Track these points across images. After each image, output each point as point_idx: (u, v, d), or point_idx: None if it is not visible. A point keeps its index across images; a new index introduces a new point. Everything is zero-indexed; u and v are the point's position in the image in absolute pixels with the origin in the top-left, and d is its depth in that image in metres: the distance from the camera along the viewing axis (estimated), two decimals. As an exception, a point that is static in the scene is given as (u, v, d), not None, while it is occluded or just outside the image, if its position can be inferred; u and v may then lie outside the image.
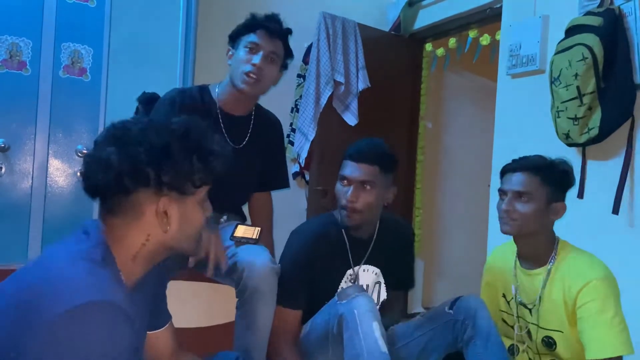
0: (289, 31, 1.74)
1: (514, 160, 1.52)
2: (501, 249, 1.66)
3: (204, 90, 1.75)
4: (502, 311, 1.62)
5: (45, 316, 0.78)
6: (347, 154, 1.58)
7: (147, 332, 1.13)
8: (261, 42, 1.67)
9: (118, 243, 0.93)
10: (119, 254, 0.93)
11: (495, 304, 1.63)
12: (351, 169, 1.55)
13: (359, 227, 1.60)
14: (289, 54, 1.76)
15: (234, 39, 1.72)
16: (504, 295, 1.60)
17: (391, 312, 1.71)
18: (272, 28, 1.68)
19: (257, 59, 1.65)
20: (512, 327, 1.59)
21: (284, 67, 1.77)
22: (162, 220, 0.93)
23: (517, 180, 1.46)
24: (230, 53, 1.73)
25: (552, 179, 1.45)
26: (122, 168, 0.89)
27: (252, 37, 1.67)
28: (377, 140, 1.62)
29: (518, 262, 1.54)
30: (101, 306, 0.80)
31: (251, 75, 1.65)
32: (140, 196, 0.92)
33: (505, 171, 1.52)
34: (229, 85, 1.71)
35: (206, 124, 0.99)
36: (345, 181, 1.56)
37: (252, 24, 1.69)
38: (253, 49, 1.66)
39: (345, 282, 1.63)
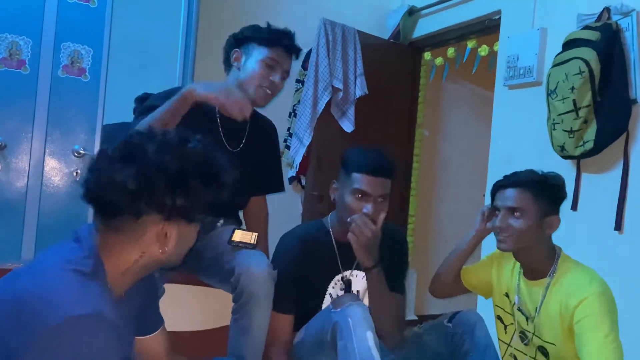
0: (300, 49, 1.78)
1: (505, 177, 1.52)
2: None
3: None
4: (499, 307, 1.63)
5: (37, 328, 0.79)
6: (361, 166, 1.53)
7: (140, 337, 1.15)
8: (280, 60, 1.70)
9: (111, 257, 0.94)
10: (111, 267, 0.93)
11: (488, 282, 1.65)
12: (370, 183, 1.52)
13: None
14: None
15: (243, 42, 1.72)
16: (507, 295, 1.61)
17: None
18: (291, 47, 1.72)
19: (276, 77, 1.69)
20: (506, 326, 1.60)
21: None
22: (162, 241, 0.95)
23: (509, 196, 1.47)
24: (236, 55, 1.72)
25: (544, 194, 1.46)
26: (138, 193, 0.89)
27: (271, 54, 1.68)
28: (380, 150, 1.61)
29: (521, 271, 1.56)
30: (91, 318, 0.82)
31: (267, 90, 1.68)
32: (148, 219, 0.92)
33: (497, 188, 1.52)
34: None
35: (219, 151, 1.00)
36: (361, 195, 1.52)
37: (272, 39, 1.69)
38: (271, 66, 1.68)
39: (333, 287, 1.64)
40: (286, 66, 1.72)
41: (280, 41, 1.69)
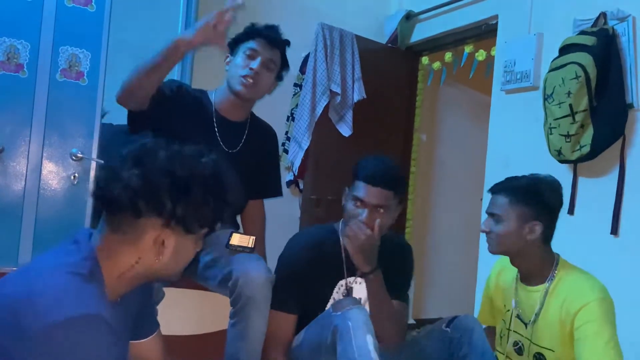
0: (287, 42, 1.79)
1: (499, 182, 1.56)
2: (505, 260, 1.65)
3: (202, 92, 1.80)
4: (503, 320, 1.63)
5: (33, 329, 0.80)
6: (363, 175, 1.56)
7: (135, 342, 1.16)
8: (260, 49, 1.71)
9: (109, 259, 0.95)
10: (107, 269, 0.94)
11: (494, 315, 1.65)
12: (367, 192, 1.54)
13: None
14: (285, 64, 1.80)
15: (232, 46, 1.75)
16: (504, 305, 1.61)
17: None
18: (272, 37, 1.73)
19: (255, 64, 1.69)
20: (501, 337, 1.61)
21: (279, 77, 1.81)
22: (158, 249, 0.96)
23: (492, 202, 1.52)
24: (228, 60, 1.77)
25: (525, 200, 1.47)
26: (140, 192, 0.91)
27: (251, 44, 1.71)
28: (389, 161, 1.63)
29: (519, 276, 1.57)
30: (88, 320, 0.82)
31: (248, 78, 1.68)
32: (147, 222, 0.93)
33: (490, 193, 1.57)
34: (226, 90, 1.75)
35: (231, 173, 1.02)
36: (359, 203, 1.56)
37: (252, 32, 1.74)
38: (251, 55, 1.70)
39: (337, 292, 1.64)
40: (267, 55, 1.71)
41: (260, 33, 1.72)
